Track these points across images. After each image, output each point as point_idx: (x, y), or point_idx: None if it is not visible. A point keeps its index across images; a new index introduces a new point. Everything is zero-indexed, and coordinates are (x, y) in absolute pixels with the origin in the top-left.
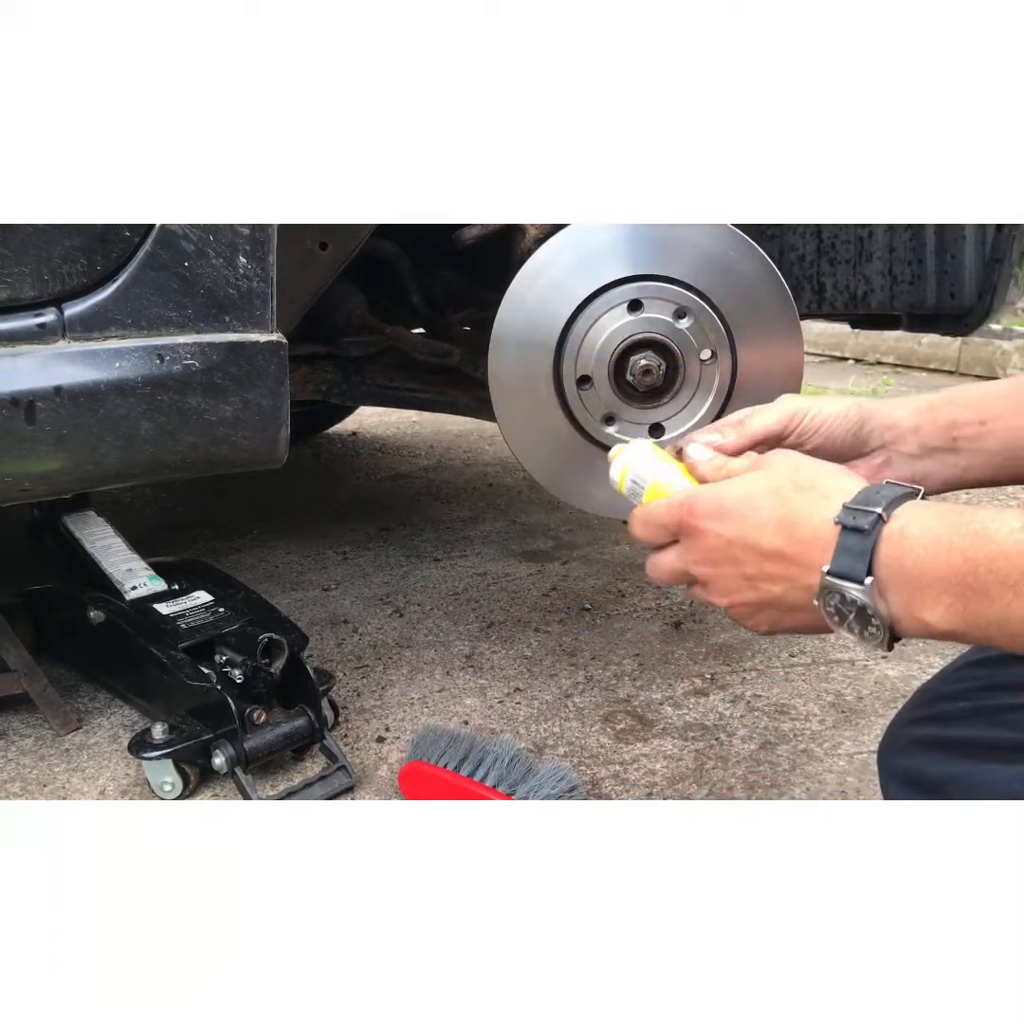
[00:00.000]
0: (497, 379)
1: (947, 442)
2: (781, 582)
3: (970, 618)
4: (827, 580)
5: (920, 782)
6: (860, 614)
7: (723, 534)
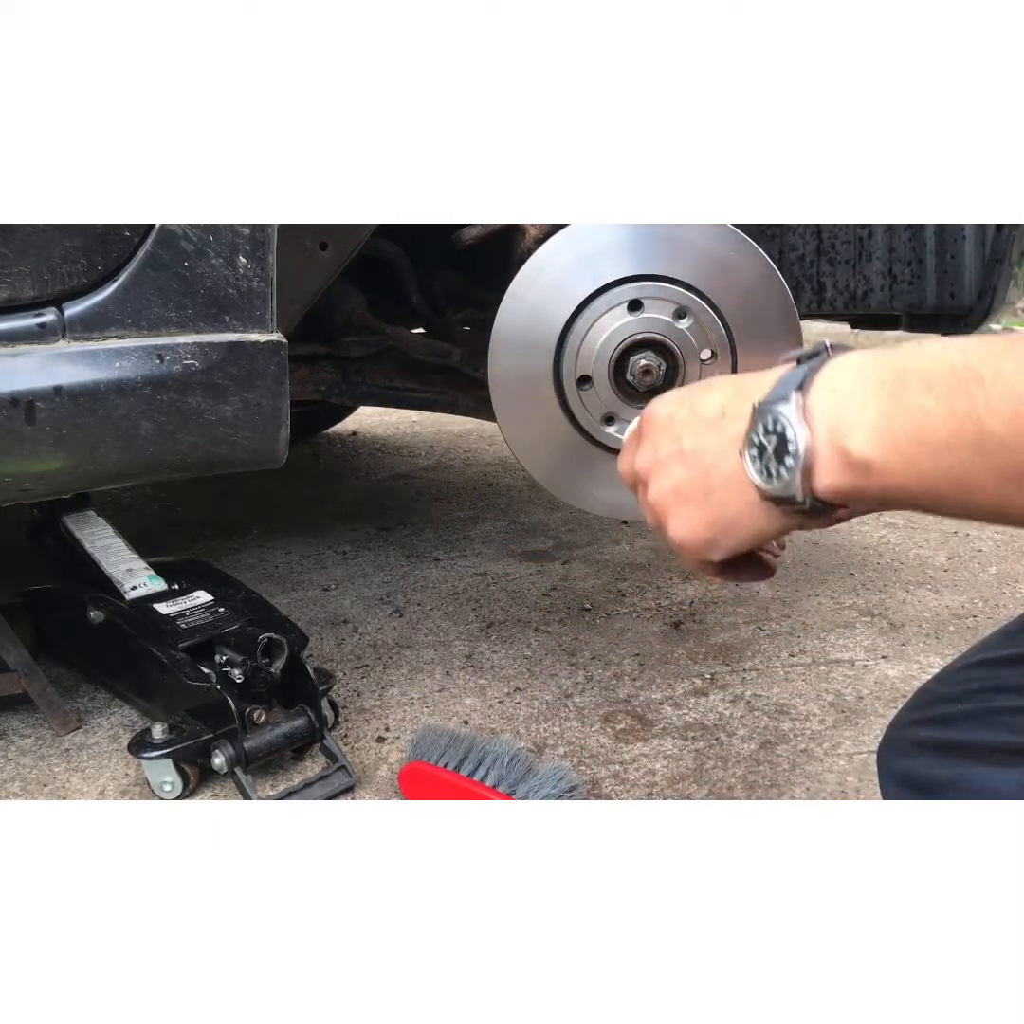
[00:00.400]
0: (497, 379)
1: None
2: (716, 447)
3: (893, 437)
4: (756, 409)
5: (919, 783)
6: (780, 443)
7: (669, 411)
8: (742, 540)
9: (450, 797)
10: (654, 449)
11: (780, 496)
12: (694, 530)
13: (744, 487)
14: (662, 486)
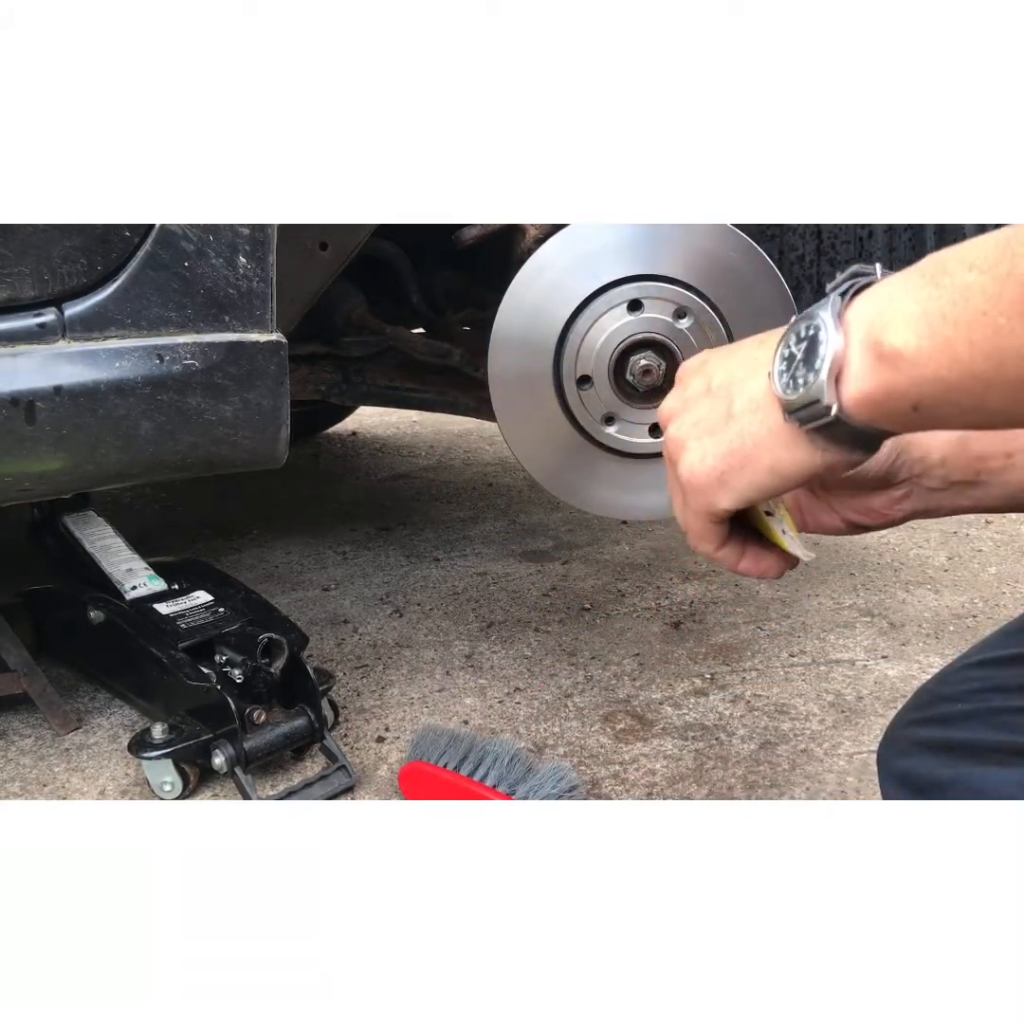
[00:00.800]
0: (497, 379)
1: (971, 475)
2: (744, 373)
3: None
4: (791, 323)
5: (919, 784)
6: (810, 347)
7: (704, 356)
8: (757, 479)
9: (450, 797)
10: (683, 389)
11: (804, 405)
12: (705, 461)
13: (767, 410)
14: (683, 421)
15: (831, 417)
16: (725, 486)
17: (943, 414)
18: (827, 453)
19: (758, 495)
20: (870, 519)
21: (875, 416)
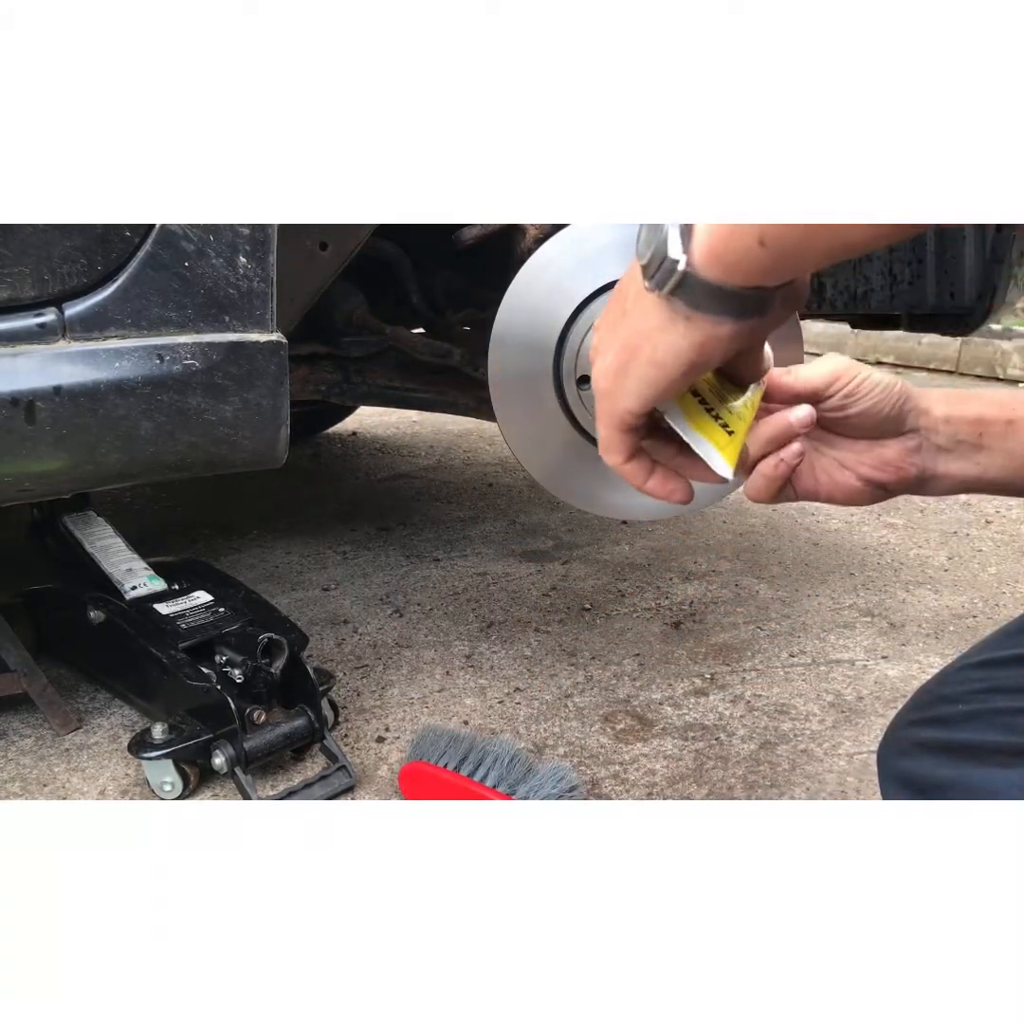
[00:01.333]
0: (497, 379)
1: (974, 436)
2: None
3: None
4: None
5: (919, 784)
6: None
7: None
8: (642, 374)
9: (450, 797)
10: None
11: (657, 267)
12: (607, 366)
13: (645, 298)
14: (599, 330)
15: (680, 272)
16: (620, 387)
17: (789, 242)
18: (691, 323)
19: (652, 391)
20: (885, 473)
21: (725, 262)
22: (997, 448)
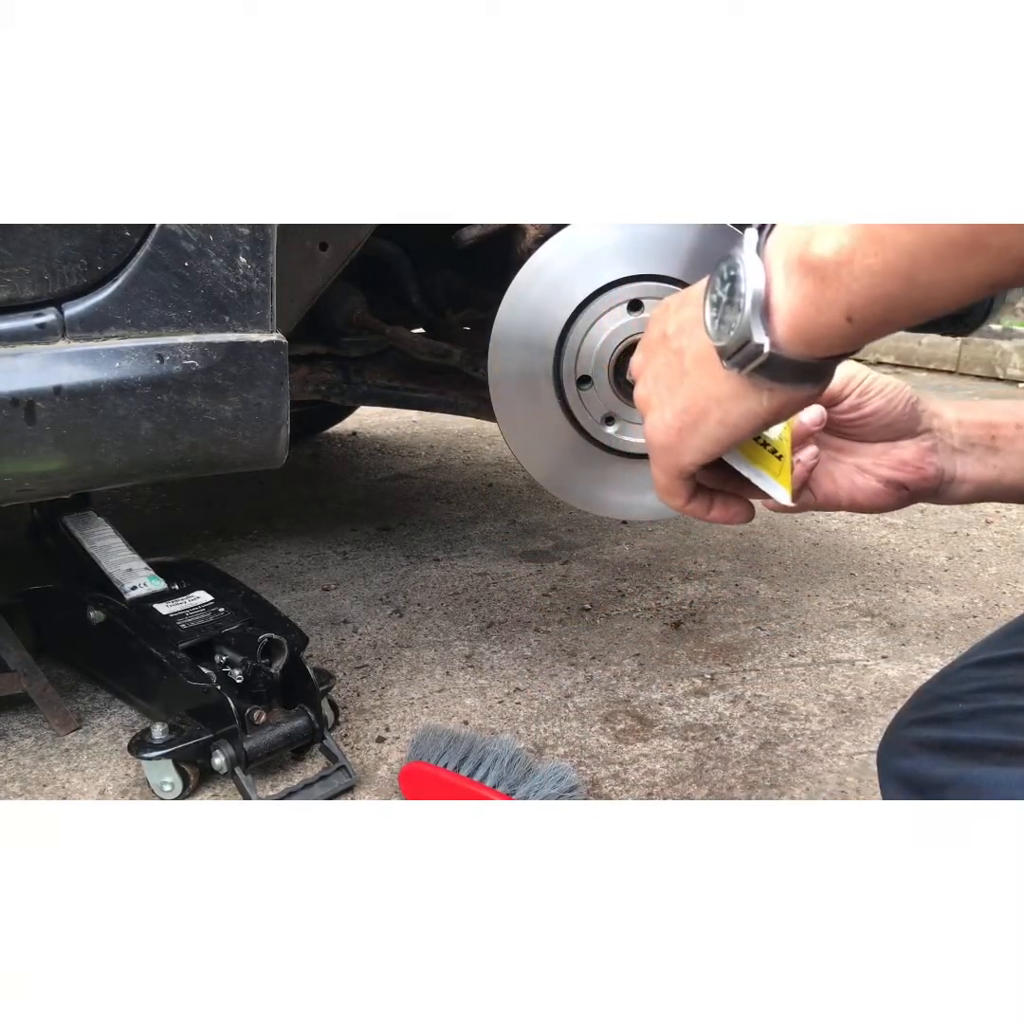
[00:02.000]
0: (497, 379)
1: (987, 439)
2: (692, 326)
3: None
4: (715, 267)
5: (919, 783)
6: (732, 285)
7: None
8: (711, 432)
9: (450, 797)
10: (645, 340)
11: (737, 349)
12: (665, 419)
13: (712, 363)
14: (647, 377)
15: (765, 355)
16: (684, 444)
17: (877, 313)
18: (773, 393)
19: (718, 448)
20: (905, 473)
21: (810, 340)
22: (1011, 451)
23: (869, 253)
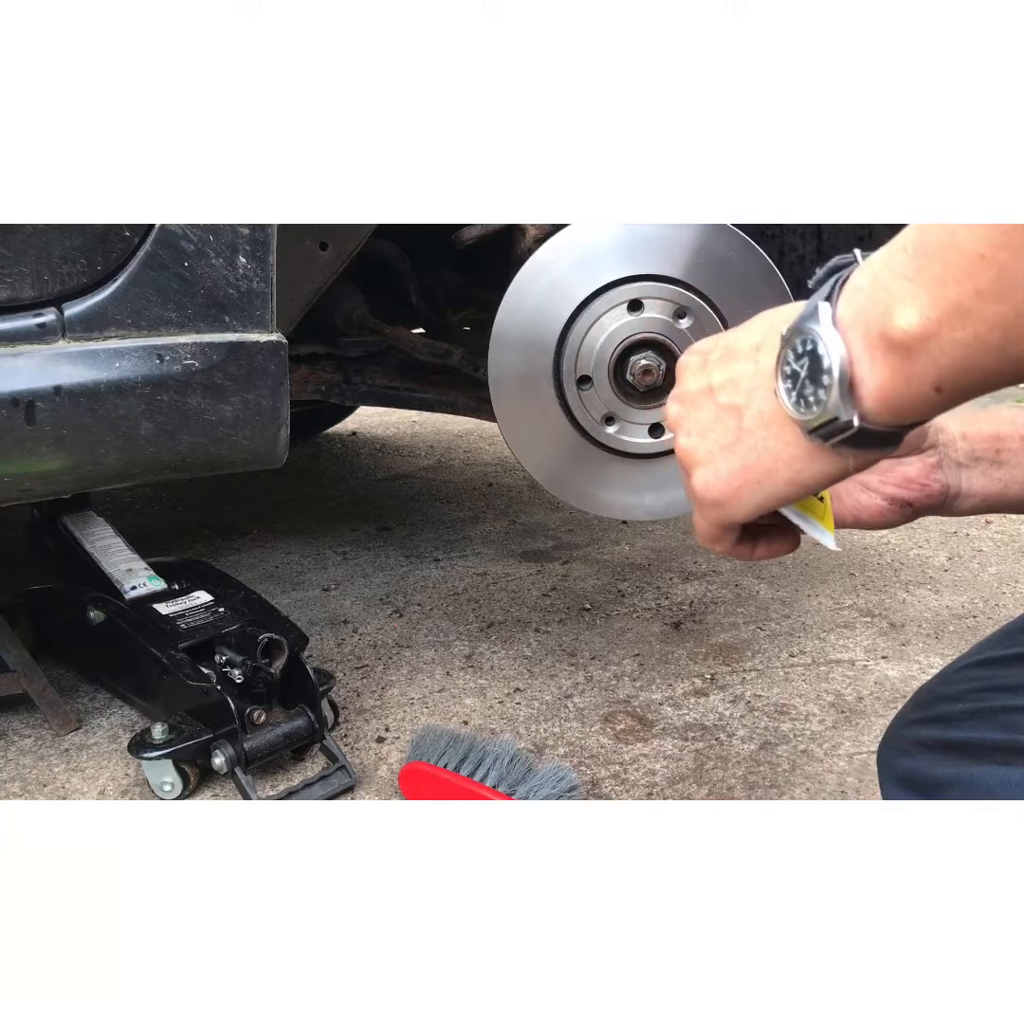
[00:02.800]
0: (497, 379)
1: (991, 453)
2: (747, 383)
3: (927, 290)
4: (784, 336)
5: (920, 783)
6: (812, 363)
7: (704, 347)
8: (776, 491)
9: (450, 797)
10: (682, 390)
11: (825, 423)
12: (720, 476)
13: (781, 425)
14: (689, 430)
15: (855, 429)
16: (741, 500)
17: (968, 383)
18: (856, 459)
19: (777, 505)
20: (910, 491)
21: (900, 412)
22: (1016, 463)
23: (956, 326)
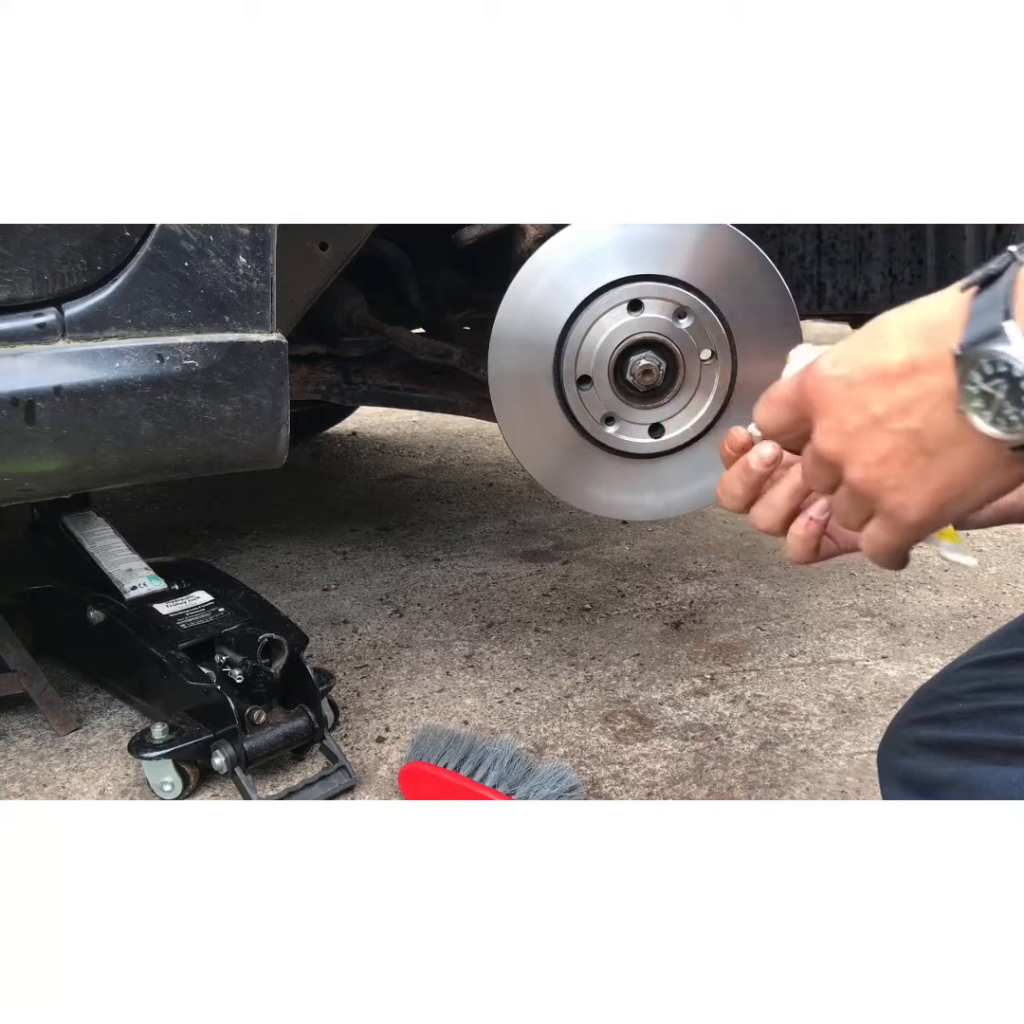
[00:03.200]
0: (497, 379)
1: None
2: (918, 407)
3: None
4: (961, 356)
5: (920, 783)
6: (1011, 385)
7: (840, 374)
8: (978, 501)
9: (450, 797)
10: (839, 424)
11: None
12: (921, 502)
13: (973, 443)
14: (866, 463)
15: None
16: (944, 516)
17: None
18: None
19: (976, 512)
20: None
21: None
22: None
23: None
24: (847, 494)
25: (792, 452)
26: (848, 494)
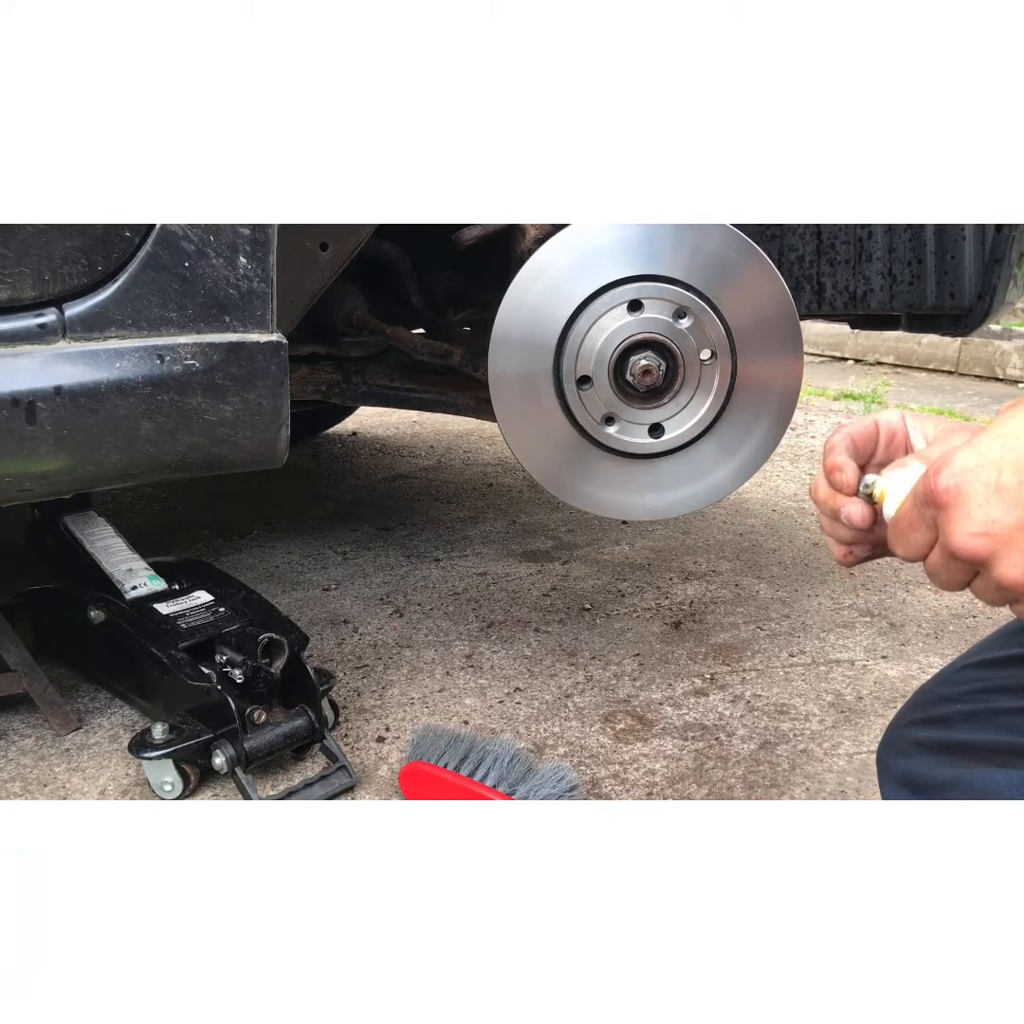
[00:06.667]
0: (497, 379)
1: None
2: None
3: None
4: None
5: (919, 784)
6: None
7: (983, 478)
8: None
9: (450, 797)
10: (989, 523)
11: None
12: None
13: None
14: (1017, 563)
15: None
16: None
17: None
18: None
19: None
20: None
21: None
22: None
23: None
24: (999, 586)
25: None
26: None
